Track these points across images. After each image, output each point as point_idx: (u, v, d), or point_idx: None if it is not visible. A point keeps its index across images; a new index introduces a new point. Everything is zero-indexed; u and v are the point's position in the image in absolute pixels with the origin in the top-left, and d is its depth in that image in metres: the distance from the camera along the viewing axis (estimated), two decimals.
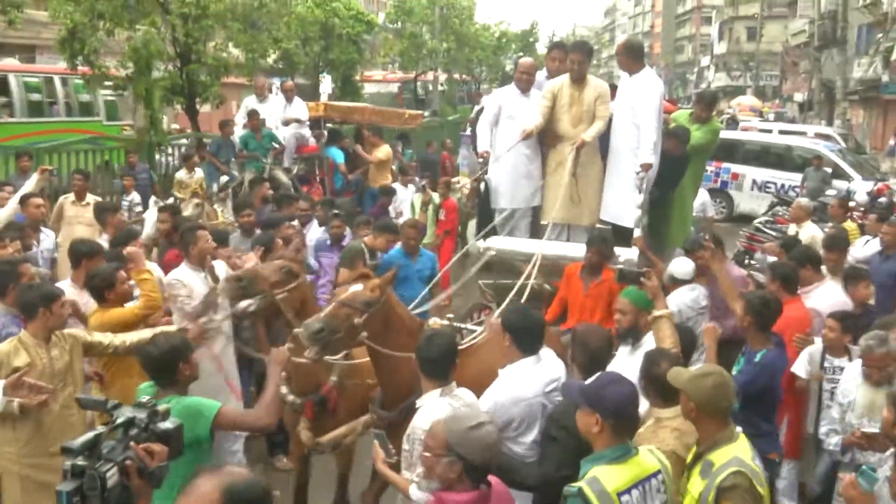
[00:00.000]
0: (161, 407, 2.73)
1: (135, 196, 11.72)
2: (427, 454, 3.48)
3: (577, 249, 7.18)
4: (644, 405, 4.15)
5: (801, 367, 5.76)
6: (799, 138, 22.07)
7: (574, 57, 7.85)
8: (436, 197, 11.40)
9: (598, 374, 3.88)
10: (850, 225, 10.15)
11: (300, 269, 5.72)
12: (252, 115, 12.47)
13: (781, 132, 24.37)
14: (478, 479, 3.40)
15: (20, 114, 17.26)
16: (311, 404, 5.37)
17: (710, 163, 19.24)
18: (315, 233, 9.03)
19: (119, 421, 2.59)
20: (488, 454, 3.40)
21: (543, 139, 8.01)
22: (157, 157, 15.19)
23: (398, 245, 7.94)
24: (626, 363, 4.84)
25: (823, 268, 6.95)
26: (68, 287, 5.93)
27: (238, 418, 4.36)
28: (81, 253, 6.34)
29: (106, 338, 5.16)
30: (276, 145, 12.35)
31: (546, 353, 4.55)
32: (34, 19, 20.37)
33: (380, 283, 4.83)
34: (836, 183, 16.96)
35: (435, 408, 4.02)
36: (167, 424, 2.70)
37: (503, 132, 8.15)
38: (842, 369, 5.51)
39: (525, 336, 4.49)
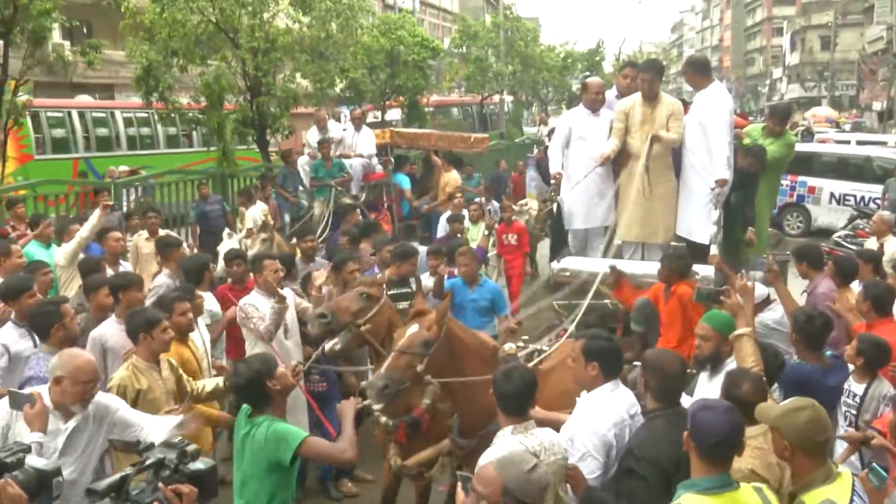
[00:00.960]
0: (190, 448, 2.75)
1: None
2: (483, 502, 3.26)
3: (652, 267, 7.08)
4: None
5: None
6: (879, 148, 21.42)
7: (644, 76, 7.84)
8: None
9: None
10: None
11: (379, 292, 5.71)
12: (322, 143, 12.65)
13: (860, 142, 23.68)
14: None
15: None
16: (403, 426, 5.33)
17: (786, 176, 18.83)
18: None
19: (148, 462, 2.59)
20: (545, 495, 3.32)
21: (617, 158, 7.99)
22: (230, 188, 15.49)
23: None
24: (706, 390, 4.69)
25: None
26: (112, 323, 5.82)
27: (324, 449, 4.34)
28: (116, 286, 6.12)
29: (192, 382, 5.32)
30: (345, 174, 12.48)
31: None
32: (112, 59, 21.09)
33: (436, 319, 4.75)
34: None
35: (505, 446, 3.85)
36: (198, 465, 2.71)
37: (575, 153, 8.22)
38: None
39: (611, 361, 4.36)
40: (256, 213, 10.87)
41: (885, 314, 5.73)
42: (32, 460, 2.87)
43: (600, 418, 4.14)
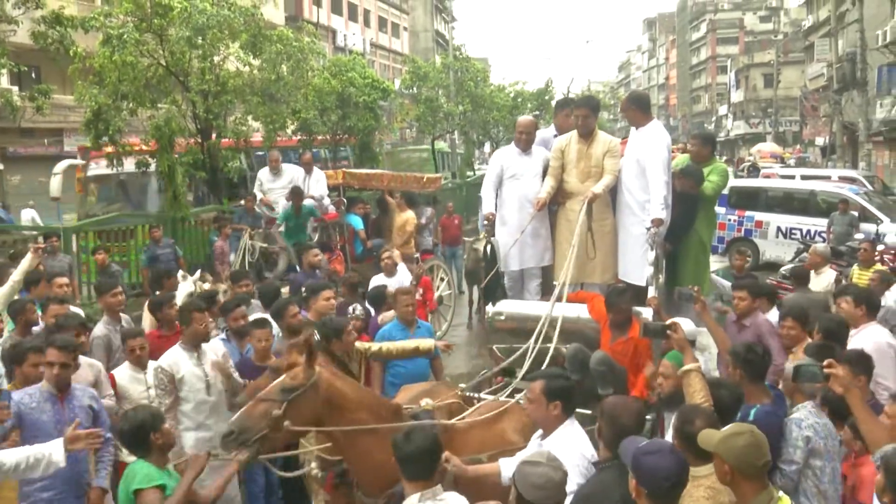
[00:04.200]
0: None
1: None
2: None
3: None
4: None
5: None
6: (823, 183, 21.92)
7: (579, 112, 7.76)
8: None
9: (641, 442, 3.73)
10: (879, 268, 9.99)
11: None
12: (295, 192, 12.67)
13: (804, 177, 24.23)
14: None
15: None
16: (331, 476, 5.18)
17: (733, 211, 19.23)
18: None
19: None
20: (535, 493, 3.40)
21: (553, 197, 7.85)
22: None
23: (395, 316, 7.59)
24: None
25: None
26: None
27: None
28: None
29: None
30: (315, 217, 12.68)
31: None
32: (61, 103, 20.88)
33: (302, 367, 4.56)
34: (864, 226, 16.79)
35: None
36: None
37: (507, 193, 8.06)
38: None
39: (572, 400, 4.38)
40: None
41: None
42: None
43: (578, 447, 4.22)
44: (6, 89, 18.34)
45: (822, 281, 9.42)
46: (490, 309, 7.70)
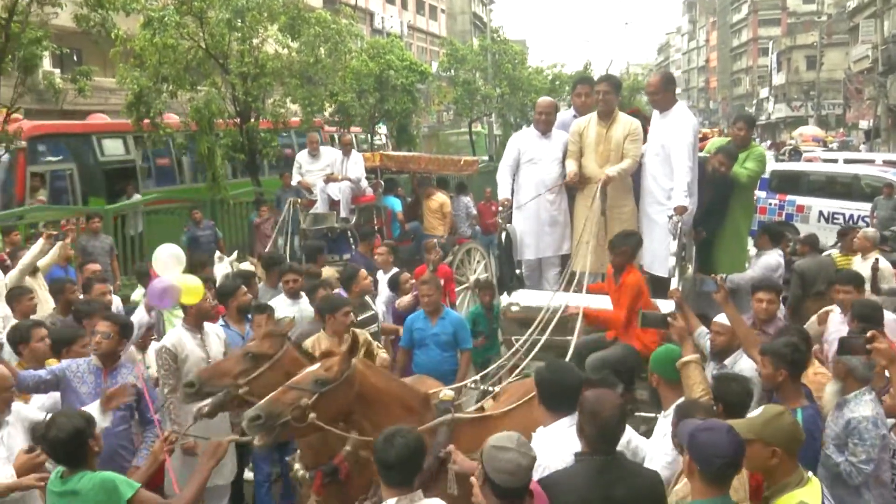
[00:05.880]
0: None
1: None
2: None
3: (610, 301, 6.61)
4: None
5: None
6: (866, 167, 21.52)
7: (600, 88, 7.36)
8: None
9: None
10: None
11: (271, 347, 5.09)
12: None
13: (847, 161, 23.82)
14: (504, 498, 3.38)
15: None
16: (320, 475, 4.99)
17: (774, 195, 18.96)
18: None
19: None
20: (503, 477, 3.36)
21: (570, 183, 7.49)
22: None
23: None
24: (664, 436, 4.37)
25: None
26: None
27: None
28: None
29: None
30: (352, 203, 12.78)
31: None
32: (102, 86, 21.11)
33: (338, 361, 4.47)
34: None
35: None
36: None
37: (524, 178, 7.69)
38: None
39: (557, 394, 4.15)
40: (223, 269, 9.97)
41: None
42: None
43: (550, 458, 3.91)
44: (49, 72, 18.59)
45: (870, 266, 9.19)
46: (504, 299, 7.44)
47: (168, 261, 6.05)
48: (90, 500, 3.84)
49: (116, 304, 8.44)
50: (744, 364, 5.16)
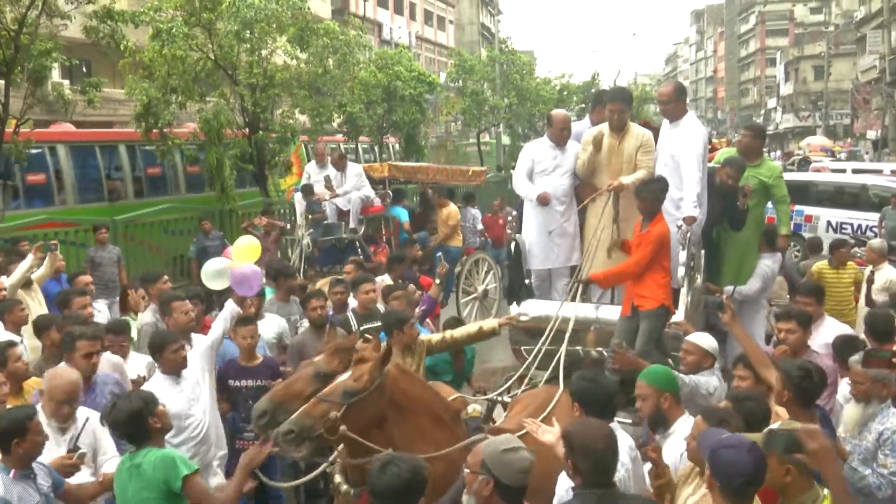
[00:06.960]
0: None
1: None
2: (467, 470, 3.50)
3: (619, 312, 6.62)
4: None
5: None
6: (874, 177, 21.48)
7: (614, 107, 7.30)
8: None
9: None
10: None
11: (343, 363, 4.75)
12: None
13: (855, 171, 23.78)
14: (512, 501, 3.42)
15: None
16: (366, 495, 4.58)
17: None
18: None
19: None
20: (520, 477, 3.40)
21: (580, 193, 7.53)
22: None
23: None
24: (665, 449, 4.33)
25: None
26: None
27: (203, 494, 4.37)
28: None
29: None
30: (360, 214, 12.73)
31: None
32: (111, 97, 21.23)
33: (369, 370, 4.39)
34: None
35: None
36: None
37: (536, 188, 7.65)
38: None
39: (601, 400, 4.24)
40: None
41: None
42: None
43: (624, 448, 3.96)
44: (58, 83, 18.68)
45: (880, 278, 9.14)
46: (513, 309, 7.43)
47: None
48: (150, 473, 4.20)
49: (105, 314, 8.47)
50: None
